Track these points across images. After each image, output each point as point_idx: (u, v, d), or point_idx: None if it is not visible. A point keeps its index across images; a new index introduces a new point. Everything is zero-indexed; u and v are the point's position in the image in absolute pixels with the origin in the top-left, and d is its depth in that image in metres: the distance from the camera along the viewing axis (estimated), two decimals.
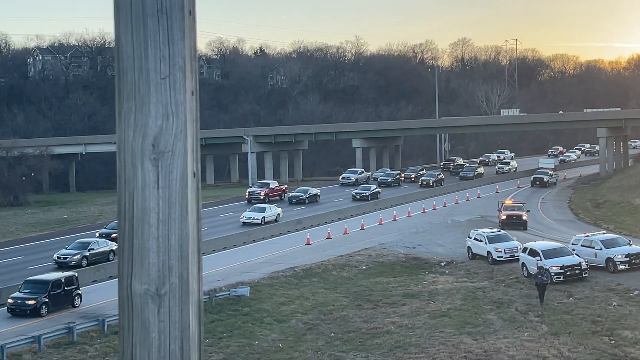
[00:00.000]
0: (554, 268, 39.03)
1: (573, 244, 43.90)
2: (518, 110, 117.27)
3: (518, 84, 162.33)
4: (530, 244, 43.27)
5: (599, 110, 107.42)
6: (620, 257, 41.72)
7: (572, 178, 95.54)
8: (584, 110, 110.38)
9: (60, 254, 47.11)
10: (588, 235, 45.06)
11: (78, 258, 46.34)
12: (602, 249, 42.28)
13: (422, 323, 33.92)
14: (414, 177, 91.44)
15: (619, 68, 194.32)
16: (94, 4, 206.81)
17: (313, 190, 76.82)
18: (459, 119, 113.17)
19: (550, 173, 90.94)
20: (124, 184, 2.33)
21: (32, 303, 35.19)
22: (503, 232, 49.11)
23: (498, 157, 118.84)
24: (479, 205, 71.39)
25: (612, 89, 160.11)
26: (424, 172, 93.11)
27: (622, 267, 41.38)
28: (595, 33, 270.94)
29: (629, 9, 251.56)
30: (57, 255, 47.11)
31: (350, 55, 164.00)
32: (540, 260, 39.92)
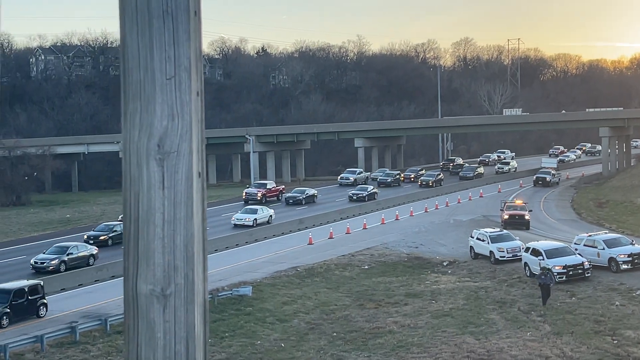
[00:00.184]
0: (557, 268, 38.99)
1: (576, 244, 43.85)
2: (520, 110, 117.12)
3: (520, 84, 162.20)
4: (533, 244, 43.23)
5: (602, 110, 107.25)
6: (623, 256, 41.66)
7: (574, 178, 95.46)
8: (587, 110, 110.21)
9: (38, 259, 45.34)
10: (591, 235, 45.03)
11: (56, 263, 44.61)
12: (604, 249, 42.24)
13: (424, 323, 33.91)
14: (413, 177, 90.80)
15: (622, 68, 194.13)
16: (97, 4, 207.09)
17: (310, 191, 76.16)
18: (461, 119, 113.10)
19: (553, 173, 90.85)
20: (130, 184, 2.33)
21: None
22: (505, 231, 49.08)
23: (498, 157, 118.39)
24: (482, 205, 71.35)
25: (614, 89, 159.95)
26: (424, 172, 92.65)
27: (624, 266, 41.34)
28: (598, 32, 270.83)
29: (632, 9, 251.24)
30: (34, 260, 45.32)
31: (353, 55, 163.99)
32: (543, 260, 39.89)
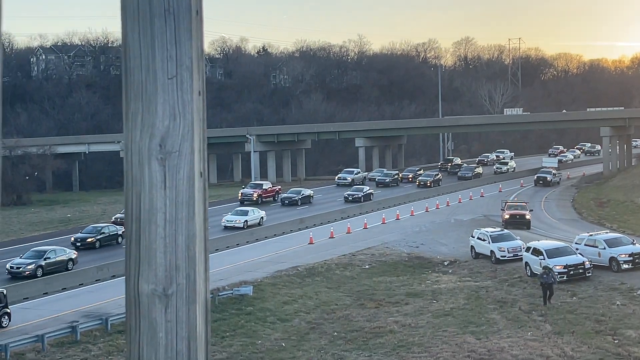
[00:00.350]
0: (558, 267, 38.96)
1: (576, 243, 43.81)
2: (521, 110, 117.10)
3: (521, 83, 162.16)
4: (534, 243, 43.21)
5: (603, 110, 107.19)
6: (624, 256, 41.62)
7: (575, 177, 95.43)
8: (588, 110, 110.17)
9: (14, 264, 43.81)
10: (592, 235, 45.00)
11: (32, 268, 43.14)
12: (605, 248, 42.21)
13: (425, 322, 33.90)
14: (412, 177, 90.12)
15: (623, 67, 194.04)
16: (98, 4, 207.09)
17: (306, 191, 75.28)
18: (462, 118, 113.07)
19: (554, 172, 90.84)
20: (131, 184, 2.33)
21: None
22: (506, 231, 49.05)
23: (497, 156, 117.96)
24: (482, 205, 71.34)
25: (615, 88, 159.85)
26: (422, 172, 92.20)
27: (625, 266, 41.31)
28: (599, 32, 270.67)
29: (633, 8, 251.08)
30: (10, 265, 43.81)
31: (353, 55, 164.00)
32: (544, 260, 39.88)
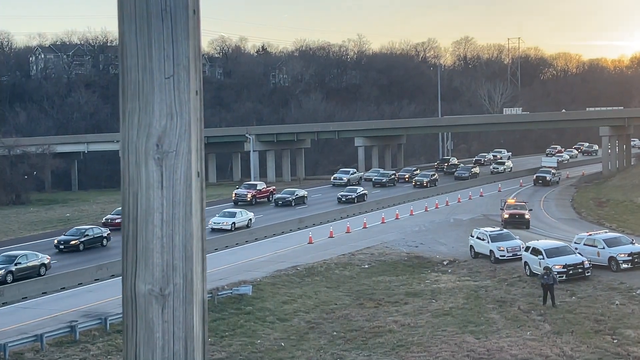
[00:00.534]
0: (557, 267, 38.96)
1: (576, 243, 43.81)
2: (520, 109, 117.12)
3: (520, 83, 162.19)
4: (533, 243, 43.20)
5: (602, 109, 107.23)
6: (623, 256, 41.62)
7: (574, 177, 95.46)
8: (587, 109, 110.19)
9: None
10: (591, 234, 45.00)
11: (2, 273, 41.97)
12: (604, 248, 42.21)
13: (424, 322, 33.89)
14: (408, 177, 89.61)
15: (622, 67, 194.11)
16: (97, 3, 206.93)
17: (300, 192, 74.59)
18: (461, 118, 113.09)
19: (553, 172, 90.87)
20: (128, 184, 2.32)
21: None
22: (506, 231, 49.06)
23: (494, 156, 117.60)
24: (482, 204, 71.34)
25: (614, 88, 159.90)
26: (418, 172, 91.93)
27: (624, 266, 41.30)
28: (598, 31, 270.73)
29: (632, 8, 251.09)
30: None
31: (353, 54, 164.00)
32: (543, 259, 39.88)
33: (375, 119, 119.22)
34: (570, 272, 39.58)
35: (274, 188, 78.02)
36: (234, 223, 58.79)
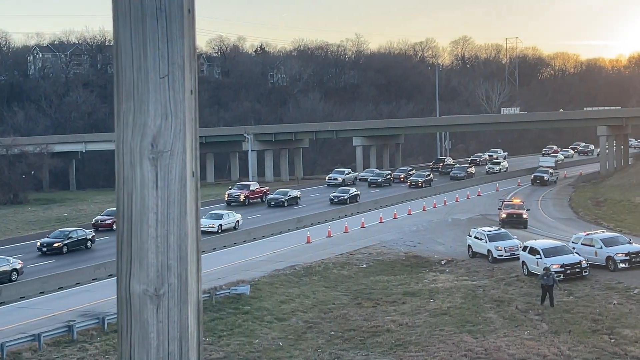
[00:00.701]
0: (555, 266, 38.99)
1: (573, 243, 43.85)
2: (518, 109, 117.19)
3: (518, 83, 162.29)
4: (531, 243, 43.23)
5: (600, 109, 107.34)
6: (621, 255, 41.66)
7: (572, 176, 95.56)
8: (585, 109, 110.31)
9: None
10: (588, 234, 45.03)
11: None
12: (602, 248, 42.24)
13: (422, 321, 33.90)
14: (403, 177, 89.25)
15: (620, 66, 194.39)
16: (95, 2, 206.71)
17: (293, 192, 73.92)
18: (459, 118, 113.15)
19: (551, 171, 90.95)
20: (123, 184, 2.31)
21: None
22: (503, 230, 49.10)
23: (490, 156, 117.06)
24: (480, 204, 71.38)
25: (612, 88, 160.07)
26: (414, 172, 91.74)
27: (622, 265, 41.34)
28: (596, 31, 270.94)
29: (630, 8, 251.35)
30: None
31: (351, 54, 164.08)
32: (541, 259, 39.91)
33: (374, 119, 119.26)
34: (568, 271, 39.61)
35: (268, 188, 77.08)
36: (221, 225, 57.12)
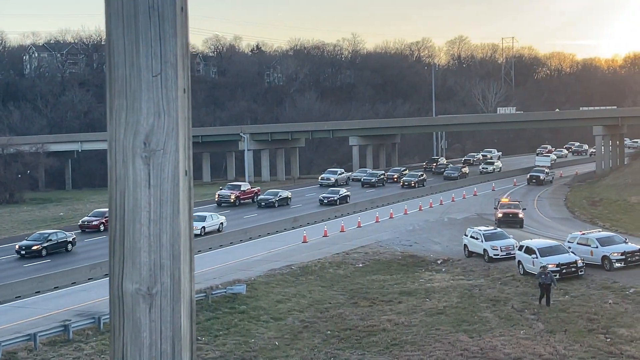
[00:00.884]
0: (550, 266, 39.01)
1: (569, 242, 43.88)
2: (514, 109, 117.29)
3: (514, 82, 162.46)
4: (527, 242, 43.26)
5: (595, 109, 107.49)
6: (616, 255, 41.70)
7: (568, 176, 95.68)
8: (581, 109, 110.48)
9: None
10: (584, 233, 45.08)
11: None
12: (598, 247, 42.28)
13: (418, 321, 33.91)
14: (397, 177, 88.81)
15: (616, 66, 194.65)
16: (90, 2, 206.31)
17: (284, 193, 72.92)
18: (456, 117, 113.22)
19: (547, 171, 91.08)
20: (115, 183, 2.31)
21: None
22: (499, 230, 49.12)
23: (483, 156, 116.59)
24: (476, 203, 71.43)
25: (608, 87, 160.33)
26: (407, 172, 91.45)
27: (618, 265, 41.39)
28: (592, 31, 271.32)
29: (626, 8, 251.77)
30: None
31: (347, 53, 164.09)
32: (537, 258, 39.95)
33: (370, 118, 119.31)
34: (564, 271, 39.64)
35: (259, 189, 76.07)
36: (204, 227, 55.73)
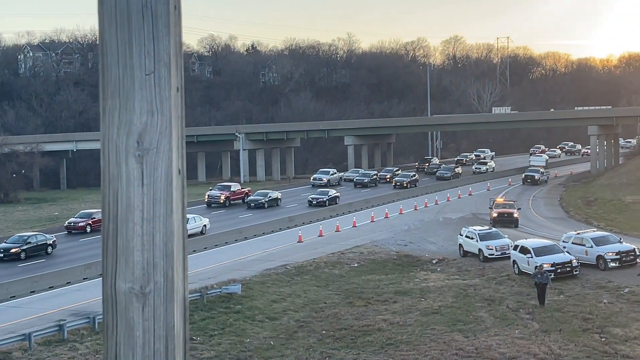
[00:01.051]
0: (545, 265, 39.09)
1: (564, 242, 43.96)
2: (509, 108, 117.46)
3: (510, 82, 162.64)
4: (522, 242, 43.35)
5: (590, 108, 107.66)
6: (611, 254, 41.79)
7: (563, 176, 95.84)
8: (575, 108, 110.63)
9: None
10: (579, 233, 45.16)
11: None
12: (592, 247, 42.37)
13: (413, 320, 33.95)
14: (389, 177, 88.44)
15: (610, 66, 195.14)
16: (85, 1, 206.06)
17: (273, 194, 72.31)
18: (451, 117, 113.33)
19: (542, 171, 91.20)
20: (108, 182, 2.30)
21: None
22: (494, 229, 49.21)
23: (477, 156, 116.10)
24: (471, 203, 71.50)
25: (603, 87, 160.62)
26: (399, 172, 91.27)
27: (612, 264, 41.48)
28: (587, 31, 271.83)
29: (621, 8, 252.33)
30: None
31: (342, 53, 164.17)
32: (532, 258, 40.02)
33: (365, 118, 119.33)
34: (559, 270, 39.71)
35: (249, 189, 75.39)
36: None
